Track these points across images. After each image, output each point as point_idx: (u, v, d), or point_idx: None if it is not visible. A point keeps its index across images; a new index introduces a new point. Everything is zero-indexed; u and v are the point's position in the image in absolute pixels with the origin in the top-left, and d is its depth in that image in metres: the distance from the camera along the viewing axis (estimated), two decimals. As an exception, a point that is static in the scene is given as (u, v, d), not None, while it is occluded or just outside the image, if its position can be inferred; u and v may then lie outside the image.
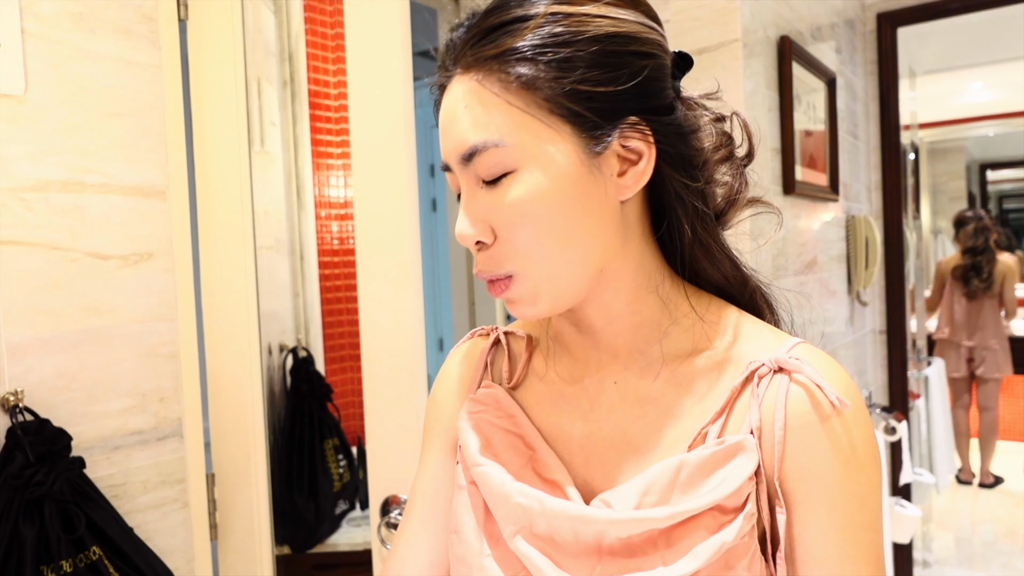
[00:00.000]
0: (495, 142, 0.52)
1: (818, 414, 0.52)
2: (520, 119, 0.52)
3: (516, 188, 0.53)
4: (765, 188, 1.58)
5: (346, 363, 2.33)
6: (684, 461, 0.53)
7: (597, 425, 0.60)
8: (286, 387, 1.99)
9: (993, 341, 4.04)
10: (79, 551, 0.93)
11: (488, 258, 0.56)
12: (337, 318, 2.31)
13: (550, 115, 0.52)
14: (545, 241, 0.53)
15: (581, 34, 0.52)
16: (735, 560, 0.51)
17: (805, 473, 0.52)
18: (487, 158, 0.53)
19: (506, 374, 0.66)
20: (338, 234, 2.32)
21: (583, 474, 0.59)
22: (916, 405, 2.90)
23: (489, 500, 0.58)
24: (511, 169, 0.53)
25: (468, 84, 0.54)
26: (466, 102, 0.54)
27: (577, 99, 0.52)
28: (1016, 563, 3.25)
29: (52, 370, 1.00)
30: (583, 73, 0.52)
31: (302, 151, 2.15)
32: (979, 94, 4.51)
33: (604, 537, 0.53)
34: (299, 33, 2.16)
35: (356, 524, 2.04)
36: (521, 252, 0.54)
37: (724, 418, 0.55)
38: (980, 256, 4.02)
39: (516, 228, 0.53)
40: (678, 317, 0.60)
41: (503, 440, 0.61)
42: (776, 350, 0.57)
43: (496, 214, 0.54)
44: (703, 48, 1.48)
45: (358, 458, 2.08)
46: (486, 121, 0.53)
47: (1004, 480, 4.16)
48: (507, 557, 0.57)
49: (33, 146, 0.99)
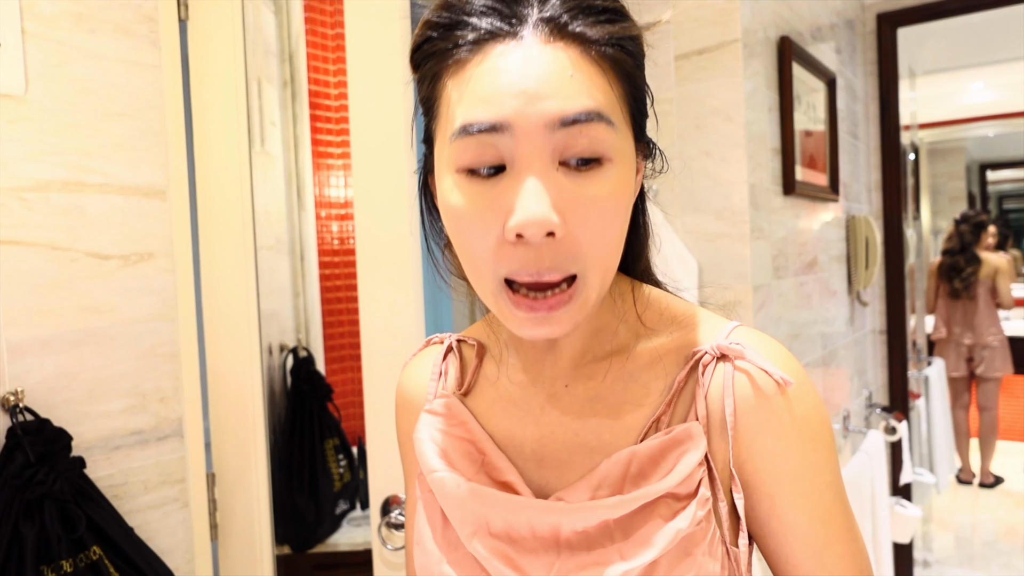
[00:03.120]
0: (607, 117, 0.47)
1: (765, 397, 0.54)
2: (617, 104, 0.50)
3: (608, 178, 0.48)
4: (766, 188, 1.58)
5: (346, 363, 2.33)
6: (634, 452, 0.54)
7: (549, 428, 0.59)
8: (286, 387, 1.99)
9: (991, 340, 4.04)
10: (79, 551, 0.93)
11: (553, 252, 0.48)
12: (337, 318, 2.31)
13: (626, 112, 0.52)
14: (611, 240, 0.50)
15: (642, 51, 0.54)
16: (693, 546, 0.52)
17: (763, 452, 0.54)
18: (593, 131, 0.47)
19: (457, 381, 0.66)
20: (338, 234, 2.32)
21: (537, 478, 0.59)
22: (916, 405, 2.90)
23: (445, 506, 0.58)
24: (605, 155, 0.48)
25: (569, 51, 0.47)
26: (573, 69, 0.47)
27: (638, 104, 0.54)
28: (1016, 563, 3.25)
29: (52, 370, 1.00)
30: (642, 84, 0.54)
31: (302, 151, 2.15)
32: (979, 94, 4.51)
33: (560, 529, 0.53)
34: (299, 33, 2.16)
35: (356, 524, 2.04)
36: (586, 250, 0.49)
37: (672, 408, 0.56)
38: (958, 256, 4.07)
39: (591, 223, 0.48)
40: (624, 314, 0.60)
41: (456, 448, 0.61)
42: (716, 336, 0.58)
43: (575, 203, 0.47)
44: (703, 48, 1.48)
45: (358, 458, 2.08)
46: (597, 93, 0.47)
47: (1004, 480, 4.16)
48: (465, 560, 0.57)
49: (33, 146, 0.99)
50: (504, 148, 0.47)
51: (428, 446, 0.61)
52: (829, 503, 0.55)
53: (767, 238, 1.58)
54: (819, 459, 0.55)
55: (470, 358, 0.67)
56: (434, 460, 0.60)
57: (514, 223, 0.46)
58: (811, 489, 0.54)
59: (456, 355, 0.68)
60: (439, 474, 0.58)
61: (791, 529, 0.54)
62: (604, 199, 0.48)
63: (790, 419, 0.54)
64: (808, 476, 0.54)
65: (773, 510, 0.55)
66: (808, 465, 0.54)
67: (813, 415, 0.55)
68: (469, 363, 0.67)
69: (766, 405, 0.54)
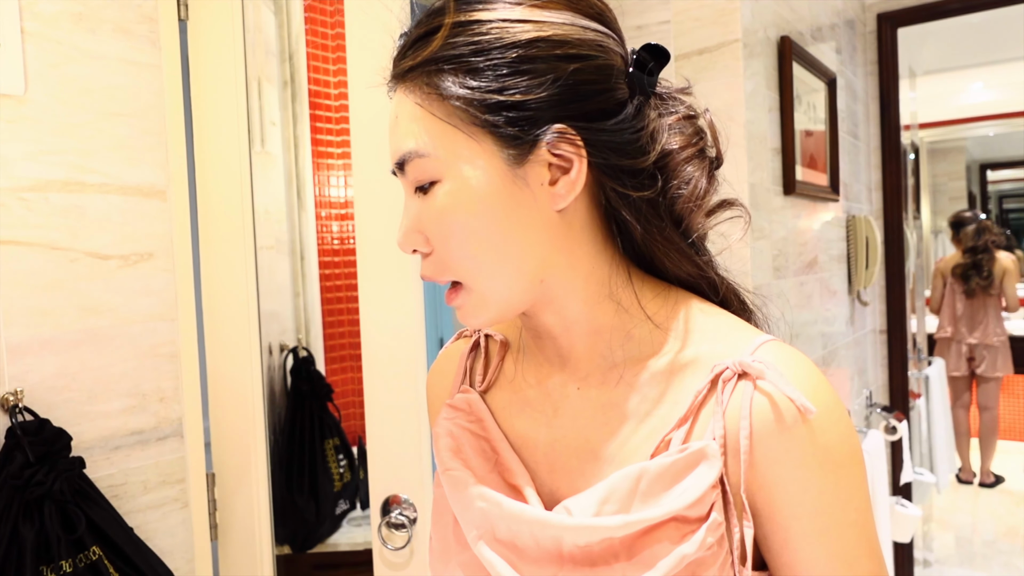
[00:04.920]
0: (419, 152, 0.54)
1: (783, 423, 0.50)
2: (441, 130, 0.53)
3: (441, 197, 0.54)
4: (766, 188, 1.57)
5: (346, 363, 2.33)
6: (645, 469, 0.51)
7: (561, 432, 0.59)
8: (286, 387, 1.99)
9: (994, 339, 4.05)
10: (79, 551, 0.93)
11: (430, 264, 0.57)
12: (337, 318, 2.31)
13: (470, 126, 0.52)
14: (475, 252, 0.54)
15: (497, 42, 0.51)
16: (701, 571, 0.49)
17: (778, 482, 0.50)
18: (414, 168, 0.54)
19: (480, 376, 0.67)
20: (338, 234, 2.32)
21: (548, 482, 0.58)
22: (916, 404, 2.90)
23: (455, 505, 0.58)
24: (436, 179, 0.54)
25: (399, 95, 0.56)
26: (397, 112, 0.56)
27: (494, 109, 0.51)
28: (1016, 562, 3.25)
29: (52, 370, 1.00)
30: (500, 82, 0.51)
31: (302, 151, 2.15)
32: (979, 94, 4.52)
33: (562, 544, 0.52)
34: (299, 33, 2.16)
35: (356, 524, 2.04)
36: (456, 261, 0.55)
37: (689, 425, 0.53)
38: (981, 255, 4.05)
39: (446, 237, 0.54)
40: (639, 321, 0.57)
41: (472, 445, 0.61)
42: (741, 350, 0.54)
43: (427, 223, 0.55)
44: (703, 48, 1.48)
45: (358, 458, 2.08)
46: (412, 131, 0.54)
47: (1004, 479, 4.16)
48: (473, 562, 0.57)
49: (33, 146, 0.99)
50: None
51: (444, 441, 0.62)
52: (852, 544, 0.51)
53: (767, 238, 1.58)
54: (843, 495, 0.51)
55: (494, 353, 0.67)
56: (449, 457, 0.60)
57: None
58: (830, 526, 0.50)
59: (482, 350, 0.68)
60: (452, 473, 0.59)
61: (805, 566, 0.51)
62: (446, 212, 0.53)
63: (811, 450, 0.50)
64: (828, 512, 0.50)
65: (787, 544, 0.51)
66: (829, 500, 0.50)
67: (839, 447, 0.51)
68: (492, 359, 0.67)
69: (785, 432, 0.50)
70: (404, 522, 1.20)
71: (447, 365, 0.71)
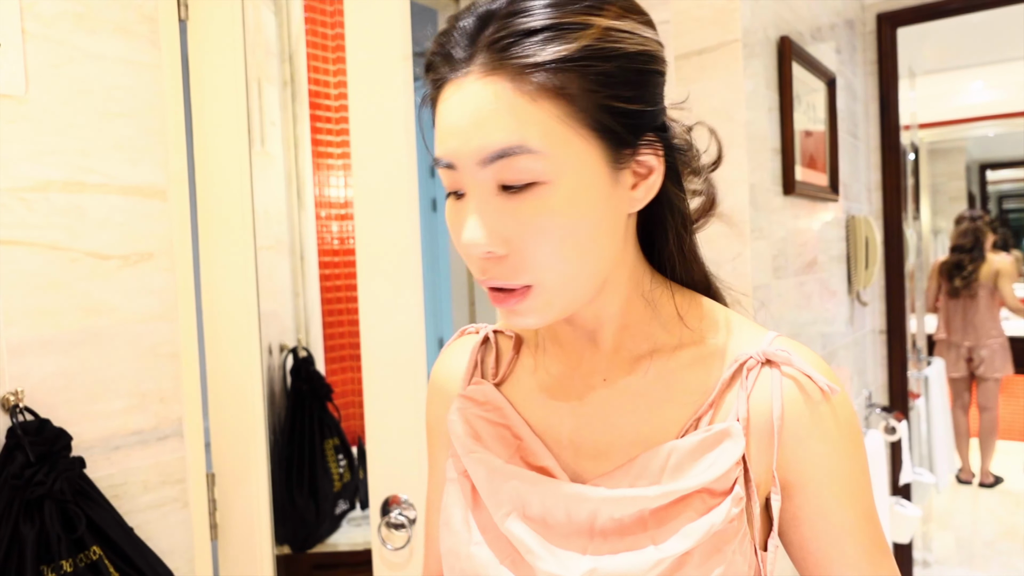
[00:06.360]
0: (529, 148, 0.50)
1: (812, 402, 0.56)
2: (555, 128, 0.51)
3: (545, 200, 0.51)
4: (766, 188, 1.58)
5: (346, 363, 2.33)
6: (674, 447, 0.56)
7: (586, 419, 0.61)
8: (286, 387, 1.99)
9: (991, 340, 4.03)
10: (79, 551, 0.93)
11: (500, 266, 0.53)
12: (337, 318, 2.31)
13: (584, 127, 0.52)
14: (567, 254, 0.52)
15: (617, 50, 0.52)
16: (724, 543, 0.53)
17: (810, 456, 0.56)
18: (517, 163, 0.50)
19: (493, 370, 0.68)
20: (338, 234, 2.32)
21: (573, 466, 0.60)
22: (916, 405, 2.90)
23: (482, 486, 0.60)
24: (541, 179, 0.51)
25: (496, 86, 0.51)
26: (496, 104, 0.51)
27: (611, 114, 0.52)
28: (1016, 563, 3.25)
29: (52, 370, 1.00)
30: (618, 89, 0.52)
31: (302, 151, 2.15)
32: (979, 94, 4.52)
33: (597, 517, 0.55)
34: (299, 33, 2.16)
35: (356, 524, 2.04)
36: (539, 264, 0.52)
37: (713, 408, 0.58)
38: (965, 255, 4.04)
39: (538, 241, 0.52)
40: (664, 316, 0.62)
41: (491, 432, 0.63)
42: (759, 343, 0.60)
43: (516, 225, 0.52)
44: (703, 48, 1.48)
45: (358, 458, 2.08)
46: (520, 125, 0.50)
47: (1004, 480, 4.16)
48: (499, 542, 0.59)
49: (33, 146, 0.99)
50: (457, 178, 0.54)
51: (462, 427, 0.63)
52: (869, 505, 0.58)
53: (767, 238, 1.58)
54: (860, 463, 0.58)
55: (506, 349, 0.69)
56: (470, 442, 0.62)
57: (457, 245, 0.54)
58: (856, 489, 0.57)
59: (492, 345, 0.70)
60: (478, 455, 0.61)
61: (842, 528, 0.56)
62: (549, 216, 0.51)
63: (836, 424, 0.56)
64: (854, 477, 0.57)
65: (820, 510, 0.56)
66: (853, 467, 0.57)
67: (853, 421, 0.58)
68: (505, 353, 0.69)
69: (814, 410, 0.56)
70: (404, 522, 1.20)
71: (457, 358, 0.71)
